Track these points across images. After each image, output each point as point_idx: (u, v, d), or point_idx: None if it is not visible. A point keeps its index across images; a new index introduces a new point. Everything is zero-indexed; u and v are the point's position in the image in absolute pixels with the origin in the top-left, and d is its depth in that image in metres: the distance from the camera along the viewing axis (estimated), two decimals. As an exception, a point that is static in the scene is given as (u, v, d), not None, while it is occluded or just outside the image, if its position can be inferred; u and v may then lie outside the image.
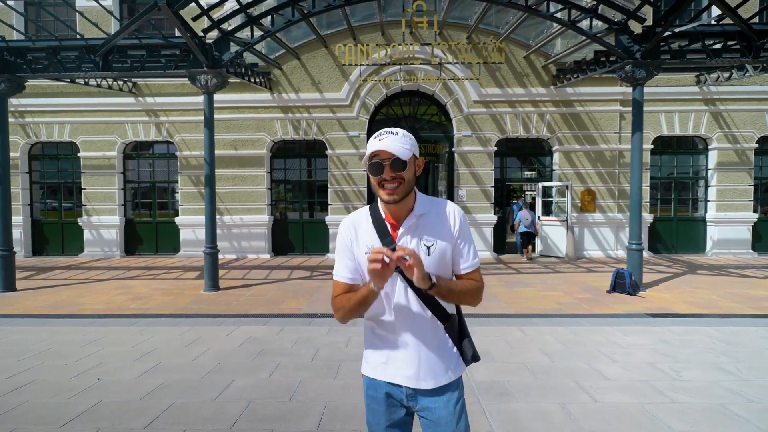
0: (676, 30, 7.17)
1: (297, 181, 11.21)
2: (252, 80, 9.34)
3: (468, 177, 10.53)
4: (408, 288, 1.40)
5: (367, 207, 1.49)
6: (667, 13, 6.56)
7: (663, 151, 10.89)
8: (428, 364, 1.42)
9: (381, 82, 10.21)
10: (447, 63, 9.88)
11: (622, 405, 3.17)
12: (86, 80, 9.60)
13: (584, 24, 7.46)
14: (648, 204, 10.61)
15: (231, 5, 7.59)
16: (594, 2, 6.85)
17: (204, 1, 7.49)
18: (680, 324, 5.16)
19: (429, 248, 1.39)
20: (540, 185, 10.68)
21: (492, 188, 10.57)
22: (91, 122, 10.85)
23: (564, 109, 10.45)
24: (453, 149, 10.64)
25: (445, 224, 1.43)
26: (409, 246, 1.38)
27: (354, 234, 1.45)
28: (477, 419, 2.98)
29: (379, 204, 1.45)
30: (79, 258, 10.80)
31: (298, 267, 9.39)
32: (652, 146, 10.58)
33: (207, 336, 4.81)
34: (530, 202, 12.25)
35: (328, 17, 10.09)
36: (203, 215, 7.57)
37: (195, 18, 6.99)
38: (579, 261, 9.90)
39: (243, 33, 7.69)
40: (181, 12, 6.42)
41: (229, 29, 7.29)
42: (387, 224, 1.42)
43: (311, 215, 11.22)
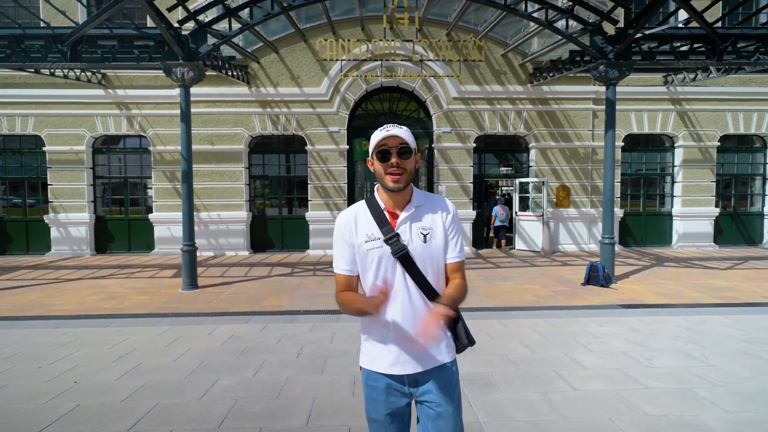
0: (647, 32, 7.46)
1: (276, 177, 11.07)
2: (229, 73, 9.14)
3: (447, 173, 10.66)
4: (408, 282, 1.48)
5: (363, 201, 1.57)
6: (639, 16, 6.81)
7: (633, 149, 11.32)
8: (426, 350, 1.49)
9: (361, 78, 10.18)
10: (427, 60, 9.94)
11: (599, 392, 3.31)
12: (52, 71, 9.15)
13: (560, 24, 7.66)
14: (619, 199, 11.03)
15: (207, -4, 7.38)
16: (570, 3, 7.04)
17: (179, -9, 7.24)
18: (650, 314, 5.42)
19: (425, 236, 1.49)
20: (517, 181, 10.93)
21: (471, 184, 10.74)
22: (58, 115, 10.37)
23: (540, 107, 10.70)
24: (433, 145, 10.73)
25: (440, 216, 1.53)
26: (407, 233, 1.49)
27: (354, 226, 1.51)
28: (463, 411, 3.05)
29: (377, 195, 1.55)
30: (47, 257, 10.35)
31: (278, 264, 9.30)
32: (623, 144, 10.99)
33: (188, 335, 4.72)
34: (506, 198, 12.66)
35: (308, 11, 9.96)
36: (179, 212, 7.41)
37: (170, 8, 6.76)
38: (554, 255, 10.21)
39: (220, 25, 7.50)
40: (156, 2, 6.21)
41: (206, 21, 7.10)
42: (386, 213, 1.51)
43: (291, 211, 11.11)
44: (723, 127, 11.09)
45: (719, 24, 8.49)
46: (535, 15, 7.41)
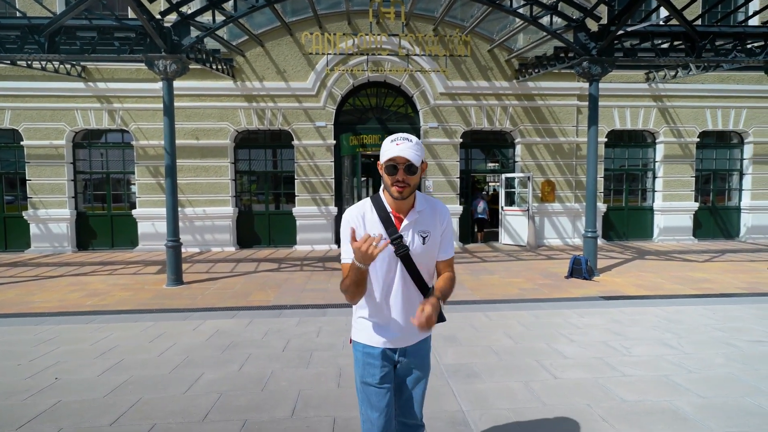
0: (629, 29, 7.59)
1: (262, 172, 10.97)
2: (214, 67, 9.00)
3: (434, 168, 10.71)
4: (405, 277, 1.70)
5: (369, 199, 1.75)
6: (621, 13, 6.92)
7: (616, 144, 11.52)
8: (413, 327, 1.68)
9: (348, 72, 10.14)
10: (414, 54, 9.94)
11: (579, 380, 3.40)
12: (29, 62, 8.90)
13: (545, 20, 7.74)
14: (602, 194, 11.24)
15: (190, -13, 7.25)
16: (554, -1, 7.12)
17: (161, -18, 7.11)
18: (630, 305, 5.56)
19: (424, 238, 1.71)
20: (503, 176, 11.04)
21: (458, 179, 10.82)
22: (36, 108, 10.10)
23: (526, 103, 10.81)
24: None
25: (437, 220, 1.76)
26: (408, 235, 1.69)
27: (361, 221, 1.70)
28: (446, 400, 3.11)
29: (383, 197, 1.73)
30: (26, 254, 10.11)
31: (265, 259, 9.25)
32: (606, 139, 11.17)
33: (172, 331, 4.68)
34: (491, 194, 12.93)
35: (293, 4, 9.87)
36: (163, 207, 7.29)
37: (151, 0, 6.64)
38: (539, 249, 10.36)
39: (204, 17, 7.39)
40: (137, -8, 6.08)
41: (189, 12, 6.98)
42: (392, 216, 1.70)
43: (277, 207, 11.04)
44: (702, 124, 11.36)
45: (699, 22, 8.66)
46: (521, 11, 7.46)
